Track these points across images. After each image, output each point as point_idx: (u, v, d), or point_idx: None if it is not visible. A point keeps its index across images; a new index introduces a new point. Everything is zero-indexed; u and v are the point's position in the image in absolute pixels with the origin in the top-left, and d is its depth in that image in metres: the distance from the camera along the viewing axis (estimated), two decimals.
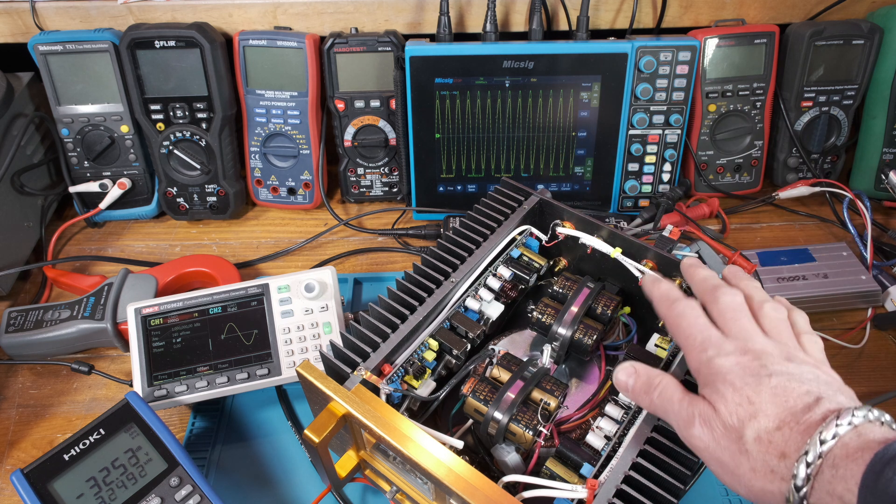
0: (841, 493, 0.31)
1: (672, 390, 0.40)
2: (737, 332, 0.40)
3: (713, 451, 0.37)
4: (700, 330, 0.40)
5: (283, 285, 0.61)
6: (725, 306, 0.41)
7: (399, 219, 0.84)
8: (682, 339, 0.42)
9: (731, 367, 0.37)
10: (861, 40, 0.78)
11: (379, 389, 0.45)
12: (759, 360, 0.37)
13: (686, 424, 0.38)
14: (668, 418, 0.40)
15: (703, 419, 0.37)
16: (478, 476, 0.40)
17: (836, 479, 0.32)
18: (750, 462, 0.35)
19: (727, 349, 0.38)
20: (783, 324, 0.40)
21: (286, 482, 0.56)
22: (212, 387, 0.57)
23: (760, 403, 0.35)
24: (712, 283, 0.44)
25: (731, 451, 0.36)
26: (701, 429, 0.37)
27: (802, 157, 0.83)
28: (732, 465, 0.36)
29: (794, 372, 0.36)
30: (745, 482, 0.35)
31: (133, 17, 0.77)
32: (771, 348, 0.38)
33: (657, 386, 0.41)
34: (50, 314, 0.65)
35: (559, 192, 0.82)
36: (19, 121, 0.76)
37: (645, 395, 0.41)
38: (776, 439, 0.34)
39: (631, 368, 0.43)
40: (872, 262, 0.72)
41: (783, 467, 0.34)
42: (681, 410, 0.39)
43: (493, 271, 0.55)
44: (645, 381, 0.42)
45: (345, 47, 0.76)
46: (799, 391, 0.35)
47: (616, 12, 0.79)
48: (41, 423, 0.61)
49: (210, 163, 0.80)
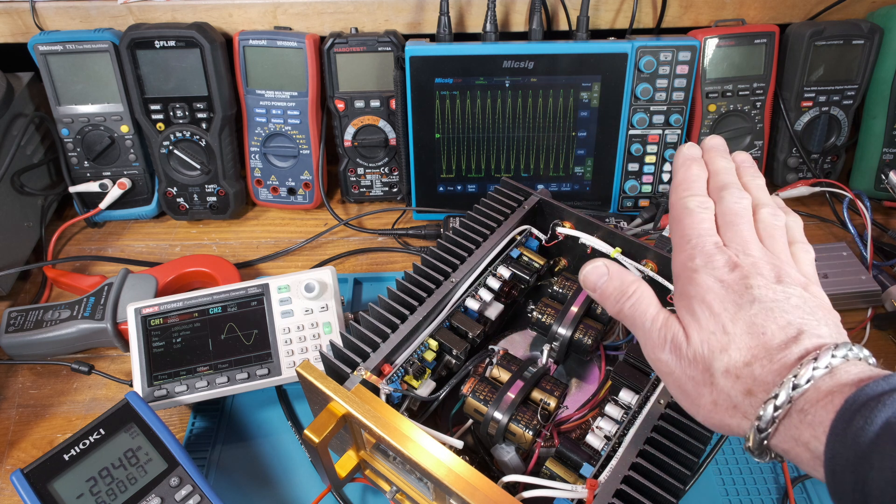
0: (807, 439, 0.30)
1: (647, 304, 0.37)
2: (733, 238, 0.37)
3: (677, 377, 0.35)
4: (699, 234, 0.37)
5: (283, 285, 0.61)
6: (729, 207, 0.38)
7: (399, 219, 0.84)
8: (677, 236, 0.39)
9: (712, 286, 0.35)
10: (861, 40, 0.78)
11: (379, 389, 0.45)
12: (745, 280, 0.34)
13: (655, 347, 0.36)
14: (634, 331, 0.38)
15: (674, 345, 0.35)
16: (478, 476, 0.40)
17: (803, 424, 0.30)
18: (713, 394, 0.33)
19: (717, 262, 0.35)
20: (780, 232, 0.38)
21: (286, 482, 0.56)
22: (212, 387, 0.57)
23: (735, 334, 0.33)
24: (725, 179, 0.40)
25: (696, 381, 0.34)
26: (670, 355, 0.35)
27: (802, 157, 0.83)
28: (694, 394, 0.34)
29: (780, 297, 0.34)
30: (704, 413, 0.34)
31: (133, 17, 0.77)
32: (762, 263, 0.35)
33: (632, 295, 0.38)
34: (50, 314, 0.65)
35: (559, 192, 0.82)
36: (19, 121, 0.76)
37: (615, 301, 0.38)
38: (745, 374, 0.32)
39: (604, 268, 0.39)
40: (872, 262, 0.72)
41: (747, 404, 0.32)
42: (653, 330, 0.36)
43: (493, 271, 0.55)
44: (618, 285, 0.38)
45: (345, 47, 0.76)
46: (779, 322, 0.33)
47: (616, 12, 0.80)
48: (41, 423, 0.62)
49: (210, 163, 0.80)
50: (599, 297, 0.40)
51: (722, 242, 0.37)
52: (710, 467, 0.57)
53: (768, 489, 0.55)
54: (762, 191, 0.40)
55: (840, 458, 0.28)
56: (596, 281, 0.39)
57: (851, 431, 0.28)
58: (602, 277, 0.39)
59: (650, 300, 0.38)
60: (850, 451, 0.28)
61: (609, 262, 0.40)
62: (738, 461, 0.57)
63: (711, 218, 0.38)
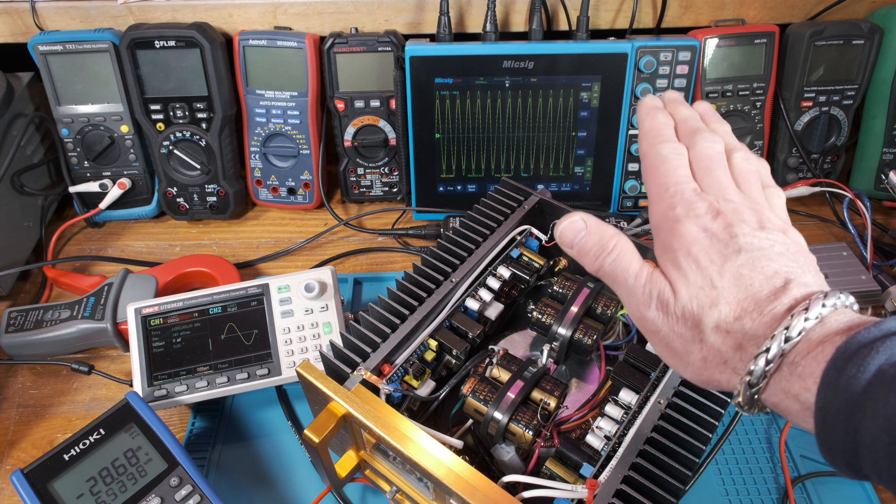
0: (797, 391, 0.29)
1: (629, 259, 0.36)
2: (710, 184, 0.35)
3: (665, 335, 0.34)
4: (676, 181, 0.36)
5: (283, 285, 0.61)
6: (703, 152, 0.37)
7: (399, 219, 0.84)
8: (653, 186, 0.37)
9: (697, 236, 0.33)
10: (861, 40, 0.78)
11: (379, 389, 0.45)
12: (729, 228, 0.33)
13: (640, 304, 0.34)
14: (616, 288, 0.36)
15: (660, 302, 0.34)
16: (478, 476, 0.40)
17: (793, 376, 0.29)
18: (703, 351, 0.32)
19: (699, 209, 0.34)
20: (754, 176, 0.37)
21: (286, 482, 0.56)
22: (212, 387, 0.57)
23: (723, 287, 0.32)
24: (693, 125, 0.39)
25: (685, 338, 0.33)
26: (657, 312, 0.34)
27: (802, 157, 0.83)
28: (683, 352, 0.33)
29: (765, 245, 0.33)
30: (693, 370, 0.33)
31: (133, 17, 0.77)
32: (742, 209, 0.34)
33: (612, 249, 0.36)
34: (50, 314, 0.65)
35: (559, 192, 0.82)
36: (19, 121, 0.76)
37: (595, 258, 0.37)
38: (735, 329, 0.31)
39: (581, 223, 0.37)
40: (872, 262, 0.72)
41: (737, 359, 0.31)
42: (636, 286, 0.35)
43: (493, 271, 0.55)
44: (597, 240, 0.37)
45: (345, 47, 0.76)
46: (766, 272, 0.32)
47: (616, 12, 0.80)
48: (41, 423, 0.62)
49: (210, 163, 0.80)
50: (577, 254, 0.38)
51: (700, 189, 0.35)
52: (710, 467, 0.57)
53: (768, 489, 0.55)
54: (731, 136, 0.39)
55: (831, 407, 0.27)
56: (573, 237, 0.37)
57: (843, 380, 0.27)
58: (580, 233, 0.37)
59: (632, 254, 0.36)
60: (841, 400, 0.27)
61: (586, 215, 0.38)
62: (738, 461, 0.57)
63: (686, 164, 0.37)
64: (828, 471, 0.56)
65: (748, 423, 0.60)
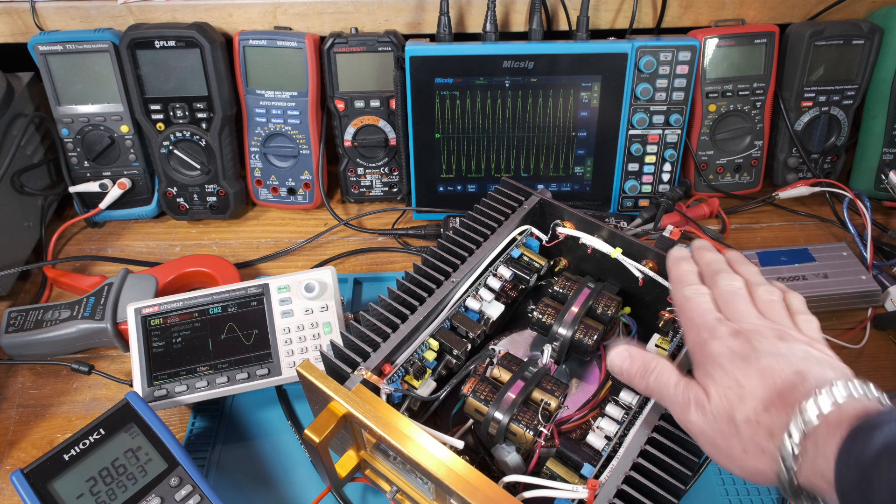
0: (822, 469, 0.32)
1: (668, 374, 0.41)
2: (732, 313, 0.41)
3: (708, 434, 0.38)
4: (700, 314, 0.41)
5: (283, 285, 0.61)
6: (724, 289, 0.42)
7: (399, 219, 0.84)
8: (684, 321, 0.43)
9: (721, 351, 0.38)
10: (861, 40, 0.78)
11: (379, 389, 0.45)
12: (749, 342, 0.38)
13: (683, 409, 0.39)
14: (663, 402, 0.41)
15: (697, 405, 0.38)
16: (478, 476, 0.40)
17: (818, 457, 0.32)
18: (741, 444, 0.36)
19: (721, 332, 0.39)
20: (777, 305, 0.41)
21: (286, 482, 0.56)
22: (212, 387, 0.57)
23: (749, 386, 0.36)
24: (715, 267, 0.45)
25: (724, 434, 0.36)
26: (696, 414, 0.38)
27: (802, 157, 0.83)
28: (725, 447, 0.37)
29: (784, 352, 0.37)
30: (739, 463, 0.36)
31: (133, 17, 0.77)
32: (763, 328, 0.39)
33: (653, 370, 0.42)
34: (50, 314, 0.65)
35: (559, 192, 0.82)
36: (19, 121, 0.76)
37: (641, 378, 0.42)
38: (764, 420, 0.35)
39: (626, 352, 0.43)
40: (872, 262, 0.72)
41: (772, 447, 0.34)
42: (677, 395, 0.40)
43: (494, 271, 0.55)
44: (640, 364, 0.42)
45: (345, 47, 0.76)
46: (787, 371, 0.36)
47: (616, 12, 0.80)
48: (41, 423, 0.61)
49: (210, 163, 0.80)
50: (627, 378, 0.43)
51: (723, 318, 0.41)
52: (711, 467, 0.57)
53: (768, 489, 0.55)
54: (757, 276, 0.45)
55: (847, 480, 0.30)
56: (621, 364, 0.43)
57: (854, 454, 0.30)
58: (625, 361, 0.43)
59: (671, 371, 0.41)
60: (853, 473, 0.30)
61: (629, 346, 0.44)
62: None
63: (709, 300, 0.42)
64: None
65: None
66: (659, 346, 0.51)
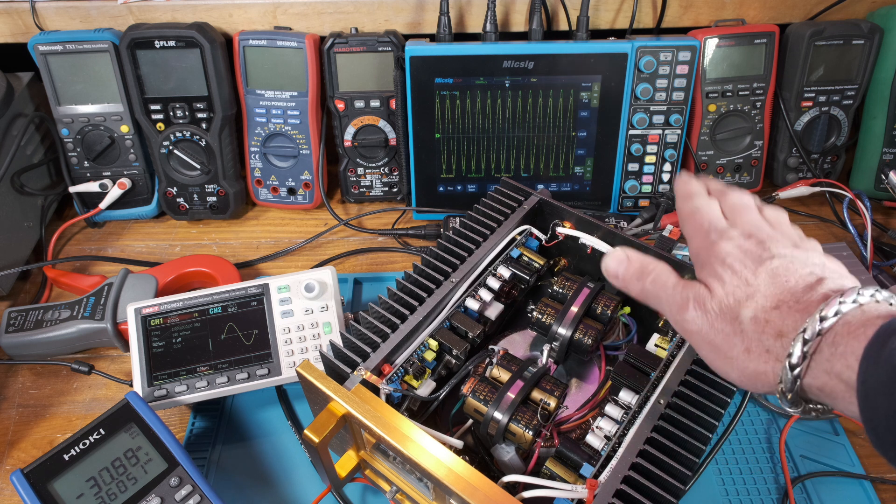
0: (839, 370, 0.30)
1: (666, 276, 0.39)
2: (744, 222, 0.39)
3: (706, 333, 0.36)
4: (710, 220, 0.39)
5: (283, 285, 0.61)
6: (735, 202, 0.41)
7: (399, 219, 0.84)
8: (690, 229, 0.41)
9: (731, 251, 0.37)
10: (861, 40, 0.78)
11: (379, 389, 0.45)
12: (762, 244, 0.36)
13: (680, 308, 0.37)
14: (660, 305, 0.40)
15: (697, 301, 0.37)
16: (478, 476, 0.40)
17: (835, 356, 0.30)
18: (745, 342, 0.34)
19: (732, 234, 0.38)
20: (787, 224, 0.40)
21: (286, 482, 0.56)
22: (212, 387, 0.57)
23: (758, 284, 0.35)
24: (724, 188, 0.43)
25: (725, 333, 0.35)
26: (695, 311, 0.36)
27: (802, 157, 0.83)
28: (726, 346, 0.35)
29: (799, 256, 0.35)
30: (739, 364, 0.35)
31: (133, 17, 0.77)
32: (777, 235, 0.37)
33: (651, 272, 0.40)
34: (50, 314, 0.65)
35: (559, 192, 0.82)
36: (19, 121, 0.76)
37: (637, 280, 0.41)
38: (773, 318, 0.33)
39: (623, 255, 0.42)
40: (872, 262, 0.72)
41: (779, 346, 0.33)
42: (674, 295, 0.38)
43: (493, 271, 0.55)
44: (638, 267, 0.41)
45: (345, 47, 0.76)
46: (801, 272, 0.34)
47: (616, 12, 0.79)
48: (41, 423, 0.62)
49: (210, 163, 0.80)
50: (622, 283, 0.42)
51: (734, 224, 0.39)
52: (710, 467, 0.57)
53: (768, 489, 0.55)
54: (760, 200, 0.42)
55: (873, 380, 0.28)
56: (617, 268, 0.42)
57: (885, 353, 0.28)
58: (622, 264, 0.41)
59: (669, 272, 0.40)
60: (883, 373, 0.28)
61: (628, 248, 0.42)
62: (738, 461, 0.57)
63: (719, 210, 0.40)
64: (828, 471, 0.56)
65: (748, 424, 0.60)
66: (659, 345, 0.51)
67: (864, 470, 0.56)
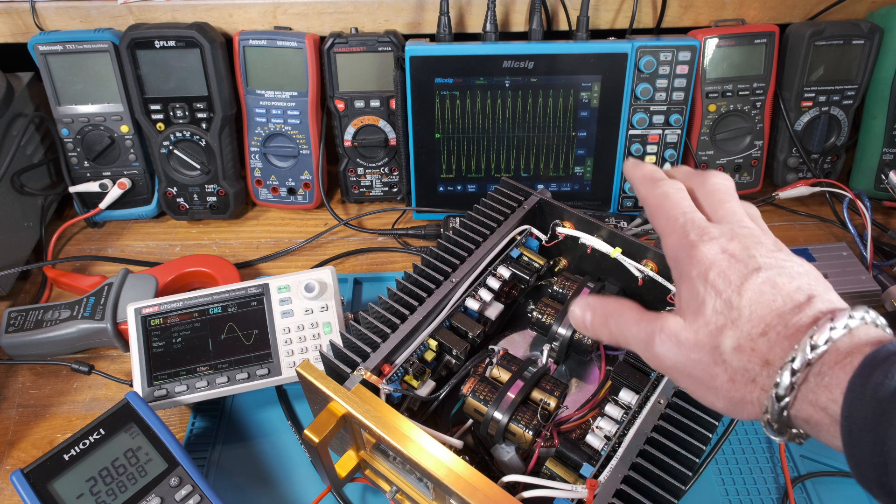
0: (824, 403, 0.28)
1: (628, 313, 0.36)
2: (724, 214, 0.35)
3: (683, 366, 0.33)
4: (684, 211, 0.36)
5: (283, 285, 0.61)
6: (714, 187, 0.37)
7: (399, 219, 0.84)
8: (662, 223, 0.37)
9: (714, 259, 0.33)
10: (861, 40, 0.78)
11: (379, 389, 0.45)
12: (748, 249, 0.33)
13: (647, 344, 0.34)
14: (629, 345, 0.36)
15: (666, 334, 0.33)
16: (478, 476, 0.40)
17: (819, 387, 0.28)
18: (728, 373, 0.31)
19: (713, 233, 0.34)
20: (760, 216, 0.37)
21: (286, 482, 0.56)
22: (212, 387, 0.57)
23: (742, 308, 0.31)
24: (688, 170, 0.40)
25: (704, 364, 0.32)
26: (664, 345, 0.33)
27: (802, 157, 0.83)
28: (707, 378, 0.32)
29: (785, 265, 0.32)
30: (723, 394, 0.32)
31: (133, 17, 0.77)
32: (760, 234, 0.34)
33: (612, 314, 0.37)
34: (50, 314, 0.65)
35: (559, 192, 0.82)
36: (19, 121, 0.76)
37: (603, 327, 0.38)
38: (760, 346, 0.30)
39: (585, 303, 0.39)
40: (872, 262, 0.72)
41: (765, 376, 0.30)
42: (639, 332, 0.35)
43: (493, 271, 0.55)
44: (601, 312, 0.38)
45: (345, 47, 0.76)
46: (789, 288, 0.31)
47: (616, 12, 0.79)
48: (41, 423, 0.62)
49: (210, 163, 0.80)
50: (591, 331, 0.39)
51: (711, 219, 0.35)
52: (710, 467, 0.57)
53: (768, 489, 0.55)
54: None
55: (857, 416, 0.27)
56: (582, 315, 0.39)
57: (870, 387, 0.26)
58: (587, 311, 0.39)
59: (631, 308, 0.37)
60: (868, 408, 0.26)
61: (591, 296, 0.39)
62: (738, 461, 0.57)
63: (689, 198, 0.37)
64: (828, 471, 0.56)
65: (748, 424, 0.60)
66: None
67: None
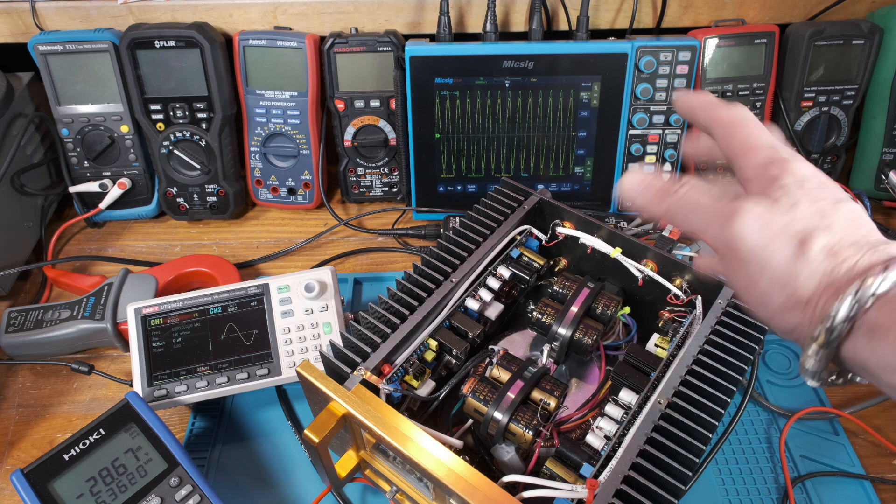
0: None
1: (704, 187, 0.34)
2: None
3: (761, 251, 0.31)
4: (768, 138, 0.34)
5: (283, 285, 0.61)
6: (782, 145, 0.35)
7: (399, 219, 0.84)
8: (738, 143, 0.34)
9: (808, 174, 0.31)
10: (861, 40, 0.78)
11: (379, 389, 0.45)
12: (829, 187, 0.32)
13: (727, 218, 0.32)
14: (694, 217, 0.34)
15: (756, 213, 0.31)
16: (478, 476, 0.40)
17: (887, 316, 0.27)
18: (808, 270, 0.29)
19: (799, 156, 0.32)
20: None
21: (286, 482, 0.56)
22: (212, 387, 0.57)
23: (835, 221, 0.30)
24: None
25: (785, 255, 0.30)
26: (752, 223, 0.31)
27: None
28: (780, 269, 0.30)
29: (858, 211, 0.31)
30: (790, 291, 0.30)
31: (133, 17, 0.77)
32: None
33: (685, 183, 0.34)
34: (50, 314, 0.65)
35: (559, 192, 0.82)
36: (19, 121, 0.76)
37: (663, 196, 0.35)
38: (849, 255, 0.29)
39: (642, 178, 0.36)
40: None
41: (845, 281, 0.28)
42: (715, 207, 0.33)
43: (493, 271, 0.55)
44: (659, 187, 0.35)
45: (345, 47, 0.76)
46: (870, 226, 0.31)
47: (616, 12, 0.79)
48: (41, 423, 0.62)
49: (210, 163, 0.80)
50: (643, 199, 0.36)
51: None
52: (710, 467, 0.57)
53: (768, 489, 0.55)
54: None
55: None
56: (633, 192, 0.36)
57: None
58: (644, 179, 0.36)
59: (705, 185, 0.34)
60: None
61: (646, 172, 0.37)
62: (738, 461, 0.57)
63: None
64: (828, 471, 0.56)
65: (748, 424, 0.60)
66: (658, 345, 0.51)
67: (864, 470, 0.56)
